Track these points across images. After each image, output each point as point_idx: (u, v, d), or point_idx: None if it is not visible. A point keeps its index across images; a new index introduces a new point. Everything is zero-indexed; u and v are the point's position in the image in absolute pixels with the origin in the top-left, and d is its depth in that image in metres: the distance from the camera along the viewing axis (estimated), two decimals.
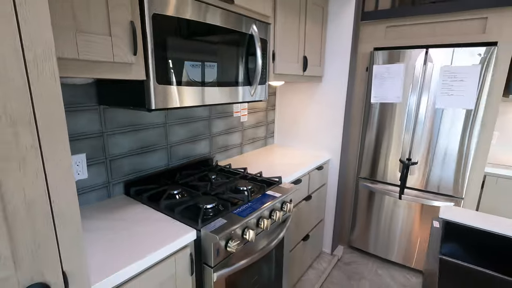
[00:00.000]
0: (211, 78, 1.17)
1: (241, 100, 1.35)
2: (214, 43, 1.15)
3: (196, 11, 1.05)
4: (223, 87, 1.24)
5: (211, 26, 1.12)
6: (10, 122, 0.52)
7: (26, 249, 0.57)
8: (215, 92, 1.20)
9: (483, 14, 1.78)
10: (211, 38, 1.14)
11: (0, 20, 0.48)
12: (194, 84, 1.10)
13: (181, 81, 1.04)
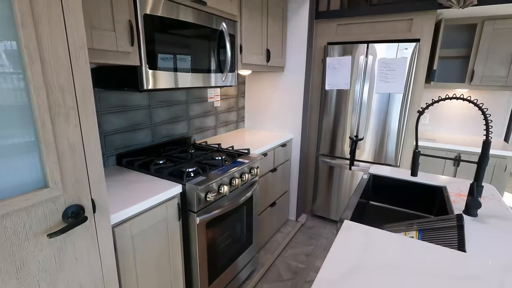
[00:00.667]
0: (190, 66, 1.45)
1: (214, 85, 1.65)
2: (192, 37, 1.43)
3: (178, 11, 1.33)
4: (201, 73, 1.53)
5: (189, 23, 1.40)
6: (60, 90, 0.78)
7: (70, 178, 0.84)
8: (194, 77, 1.49)
9: (410, 16, 2.20)
10: (190, 33, 1.42)
11: (55, 19, 0.75)
12: (177, 70, 1.38)
13: (167, 67, 1.32)
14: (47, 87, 0.75)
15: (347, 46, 2.38)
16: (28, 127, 0.74)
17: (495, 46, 2.31)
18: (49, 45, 0.74)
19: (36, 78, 0.72)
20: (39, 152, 0.77)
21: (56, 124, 0.78)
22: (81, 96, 0.83)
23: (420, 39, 2.20)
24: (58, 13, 0.75)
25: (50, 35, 0.74)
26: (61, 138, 0.80)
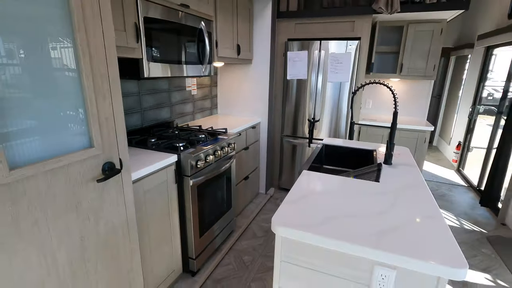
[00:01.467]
0: (178, 58, 1.77)
1: (197, 74, 1.97)
2: (179, 34, 1.74)
3: (167, 13, 1.63)
4: (186, 65, 1.84)
5: (176, 23, 1.71)
6: (100, 76, 1.08)
7: (106, 142, 1.14)
8: (181, 68, 1.80)
9: (352, 19, 2.70)
10: (177, 31, 1.72)
11: (97, 26, 1.04)
12: (168, 62, 1.68)
13: (161, 59, 1.62)
14: (92, 74, 1.05)
15: (304, 42, 2.83)
16: (81, 104, 1.04)
17: (416, 44, 2.92)
18: (94, 44, 1.04)
19: (86, 68, 1.02)
20: (87, 122, 1.07)
21: (98, 102, 1.08)
22: (112, 82, 1.13)
23: (361, 37, 2.72)
24: (98, 22, 1.04)
25: (94, 37, 1.03)
26: (101, 111, 1.10)
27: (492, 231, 2.61)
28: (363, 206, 1.12)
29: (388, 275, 0.91)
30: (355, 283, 0.97)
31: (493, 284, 1.95)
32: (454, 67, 5.10)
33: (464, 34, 4.43)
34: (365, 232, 0.95)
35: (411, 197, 1.21)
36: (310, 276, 1.04)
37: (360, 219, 1.03)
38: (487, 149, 3.35)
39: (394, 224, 1.00)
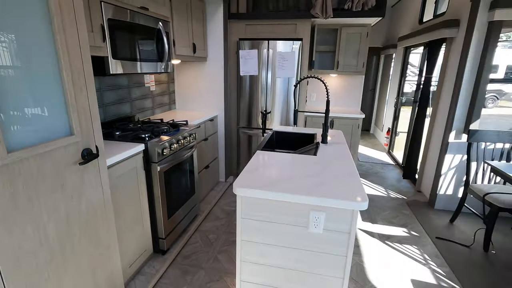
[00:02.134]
0: (140, 56, 1.93)
1: (158, 71, 2.14)
2: (140, 34, 1.91)
3: (129, 15, 1.79)
4: (147, 62, 2.01)
5: (137, 24, 1.87)
6: (77, 72, 1.23)
7: (84, 130, 1.30)
8: (143, 65, 1.97)
9: (294, 22, 3.08)
10: (138, 31, 1.88)
11: (73, 29, 1.19)
12: (131, 60, 1.84)
13: (124, 57, 1.77)
14: (71, 69, 1.20)
15: (254, 42, 3.13)
16: (61, 96, 1.19)
17: (348, 45, 3.42)
18: (71, 43, 1.19)
19: (65, 64, 1.17)
20: (67, 112, 1.22)
21: (76, 94, 1.24)
22: (87, 76, 1.29)
23: (303, 38, 3.11)
24: (74, 25, 1.20)
25: (71, 38, 1.19)
26: (79, 103, 1.26)
27: (410, 197, 3.24)
28: (302, 172, 1.46)
29: (319, 216, 1.25)
30: (297, 227, 1.30)
31: (408, 235, 2.49)
32: (383, 64, 5.89)
33: (389, 36, 5.18)
34: (303, 186, 1.28)
35: (338, 163, 1.59)
36: (264, 227, 1.34)
37: (299, 179, 1.36)
38: (408, 133, 4.05)
39: (323, 181, 1.35)
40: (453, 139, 2.74)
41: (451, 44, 2.87)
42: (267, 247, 1.37)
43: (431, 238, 2.44)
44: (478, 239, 2.40)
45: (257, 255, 1.40)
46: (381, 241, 2.39)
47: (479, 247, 2.31)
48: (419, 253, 2.24)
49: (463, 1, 2.65)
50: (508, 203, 2.11)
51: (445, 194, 2.90)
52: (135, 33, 1.86)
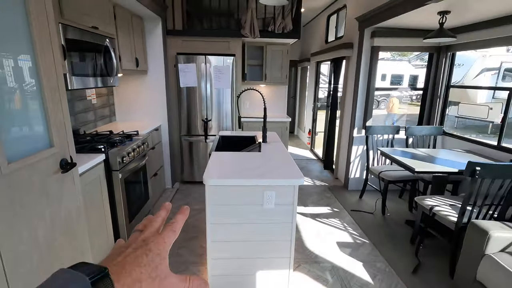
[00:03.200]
0: (93, 71, 2.04)
1: (108, 85, 2.26)
2: (92, 51, 2.03)
3: (82, 35, 1.91)
4: (100, 77, 2.13)
5: (89, 42, 1.99)
6: (54, 90, 1.37)
7: (61, 142, 1.43)
8: (96, 80, 2.08)
9: (227, 40, 3.51)
10: (90, 49, 2.00)
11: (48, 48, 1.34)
12: (86, 75, 1.95)
13: (80, 73, 1.88)
14: (50, 87, 1.34)
15: (192, 56, 3.42)
16: (42, 112, 1.31)
17: (273, 60, 4.03)
18: (48, 64, 1.33)
19: (46, 83, 1.31)
20: (47, 126, 1.34)
21: (55, 110, 1.37)
22: (61, 93, 1.43)
23: (235, 54, 3.56)
24: (50, 48, 1.35)
25: (49, 59, 1.33)
26: (56, 117, 1.39)
27: (330, 183, 3.99)
28: (253, 164, 1.86)
29: (271, 194, 1.66)
30: (255, 205, 1.68)
31: (331, 211, 3.14)
32: (301, 75, 6.83)
33: (304, 51, 6.10)
34: (256, 173, 1.68)
35: (278, 156, 2.05)
36: (229, 210, 1.69)
37: (253, 169, 1.76)
38: (324, 132, 4.90)
39: (270, 168, 1.78)
40: (356, 134, 3.56)
41: (348, 61, 3.72)
42: (232, 226, 1.72)
43: (348, 211, 3.14)
44: (378, 207, 3.21)
45: (225, 234, 1.73)
46: (312, 218, 2.97)
47: (379, 213, 3.10)
48: (340, 223, 2.89)
49: (354, 30, 3.50)
50: (394, 177, 2.94)
51: (354, 177, 3.72)
52: (88, 51, 1.98)
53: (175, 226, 0.36)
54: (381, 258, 2.33)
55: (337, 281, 2.06)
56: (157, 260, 0.31)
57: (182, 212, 0.39)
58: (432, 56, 3.38)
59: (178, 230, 0.36)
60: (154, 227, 0.35)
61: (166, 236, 0.34)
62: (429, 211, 2.24)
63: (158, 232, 0.34)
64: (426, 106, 3.53)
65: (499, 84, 8.48)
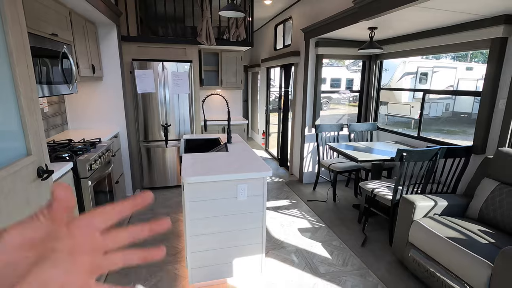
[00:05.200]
0: (54, 79, 2.01)
1: (68, 93, 2.22)
2: (52, 58, 1.99)
3: (43, 42, 1.87)
4: (60, 84, 2.09)
5: (49, 49, 1.96)
6: (30, 99, 1.38)
7: (37, 150, 1.43)
8: (57, 87, 2.04)
9: (184, 46, 3.61)
10: (50, 56, 1.97)
11: (23, 59, 1.35)
12: (47, 83, 1.92)
13: (42, 81, 1.85)
14: (26, 96, 1.35)
15: (148, 63, 3.44)
16: (19, 121, 1.32)
17: (228, 66, 4.24)
18: (23, 74, 1.35)
19: (23, 92, 1.32)
20: (24, 134, 1.35)
21: (31, 119, 1.38)
22: (35, 102, 1.44)
23: (192, 60, 3.68)
24: (24, 58, 1.36)
25: (23, 69, 1.35)
26: (32, 125, 1.40)
27: (287, 179, 4.34)
28: (224, 161, 2.05)
29: (244, 187, 1.87)
30: (230, 199, 1.87)
31: (290, 203, 3.46)
32: (252, 80, 7.16)
33: (254, 57, 6.43)
34: (229, 169, 1.88)
35: (245, 153, 2.27)
36: (205, 205, 1.84)
37: (224, 166, 1.94)
38: (278, 133, 5.26)
39: (241, 164, 1.99)
40: (307, 132, 3.97)
41: (297, 67, 4.13)
42: (208, 220, 1.88)
43: (304, 202, 3.50)
44: (329, 195, 3.64)
45: (202, 228, 1.88)
46: (274, 211, 3.25)
47: (330, 200, 3.52)
48: (299, 212, 3.22)
49: (300, 39, 3.91)
50: (341, 168, 3.38)
51: (308, 172, 4.12)
52: (49, 58, 1.95)
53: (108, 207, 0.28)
54: (336, 237, 2.70)
55: (302, 261, 2.34)
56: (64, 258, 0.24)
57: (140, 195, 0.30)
58: (365, 63, 3.96)
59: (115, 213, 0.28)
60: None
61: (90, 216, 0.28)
62: (371, 193, 2.68)
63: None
64: (362, 106, 4.11)
65: (417, 86, 9.98)
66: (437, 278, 1.85)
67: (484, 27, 2.35)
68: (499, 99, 2.36)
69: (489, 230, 1.95)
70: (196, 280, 1.96)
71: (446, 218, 2.10)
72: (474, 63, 12.85)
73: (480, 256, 1.64)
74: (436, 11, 2.21)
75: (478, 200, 2.13)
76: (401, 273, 2.18)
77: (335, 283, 2.08)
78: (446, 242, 1.83)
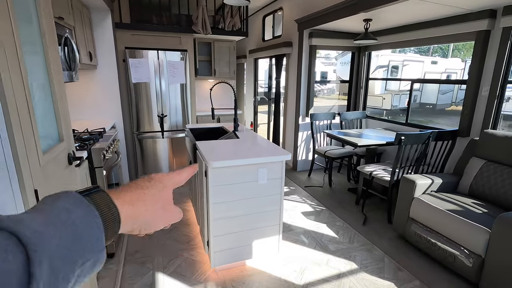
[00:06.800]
0: None
1: (73, 81, 2.13)
2: None
3: None
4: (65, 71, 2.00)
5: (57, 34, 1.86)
6: (58, 83, 1.34)
7: (67, 137, 1.39)
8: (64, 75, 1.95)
9: (179, 35, 3.55)
10: None
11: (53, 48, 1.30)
12: None
13: None
14: (57, 83, 1.31)
15: (143, 51, 3.35)
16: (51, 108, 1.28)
17: (221, 56, 4.23)
18: (53, 59, 1.30)
19: (56, 79, 1.28)
20: (57, 120, 1.31)
21: (62, 104, 1.34)
22: (63, 89, 1.39)
23: (187, 50, 3.63)
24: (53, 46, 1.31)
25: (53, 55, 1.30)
26: (62, 113, 1.36)
27: None
28: (240, 147, 2.09)
29: (264, 171, 1.94)
30: (251, 182, 1.93)
31: (289, 190, 3.59)
32: (237, 71, 7.14)
33: (241, 48, 6.42)
34: (248, 154, 1.93)
35: (257, 139, 2.33)
36: (228, 189, 1.89)
37: (243, 151, 1.99)
38: (268, 123, 5.35)
39: (258, 149, 2.05)
40: (301, 121, 4.09)
41: (289, 57, 4.22)
42: (231, 203, 1.93)
43: (302, 188, 3.64)
44: (325, 181, 3.81)
45: (224, 212, 1.92)
46: None
47: (326, 185, 3.70)
48: (299, 198, 3.35)
49: (293, 30, 4.00)
50: (336, 154, 3.55)
51: (302, 159, 4.26)
52: None
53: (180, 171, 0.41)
54: (338, 219, 2.86)
55: (312, 241, 2.47)
56: (159, 186, 0.36)
57: (191, 166, 0.43)
58: (354, 54, 4.14)
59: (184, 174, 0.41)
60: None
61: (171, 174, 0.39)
62: (369, 176, 2.87)
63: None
64: (351, 96, 4.31)
65: None
66: (438, 247, 2.06)
67: (470, 20, 2.58)
68: (482, 87, 2.62)
69: (480, 202, 2.19)
70: (217, 263, 2.01)
71: (442, 194, 2.32)
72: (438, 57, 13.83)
73: (478, 224, 1.86)
74: (431, 4, 2.39)
75: (467, 177, 2.38)
76: (403, 246, 2.38)
77: (346, 258, 2.23)
78: (446, 214, 2.04)
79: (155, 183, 0.36)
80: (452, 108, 10.72)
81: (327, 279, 2.01)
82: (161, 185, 0.36)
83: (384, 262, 2.19)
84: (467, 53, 14.32)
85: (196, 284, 1.93)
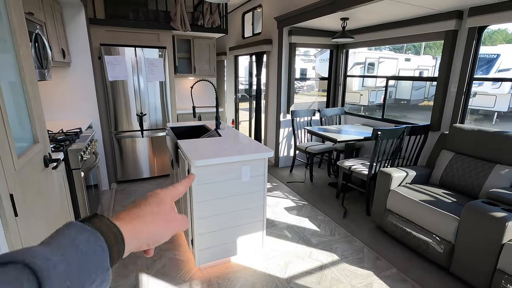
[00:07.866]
0: None
1: (46, 79, 2.04)
2: None
3: None
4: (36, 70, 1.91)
5: None
6: (32, 83, 1.28)
7: (42, 138, 1.34)
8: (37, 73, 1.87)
9: (157, 32, 3.47)
10: None
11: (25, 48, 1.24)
12: None
13: None
14: (30, 82, 1.25)
15: (119, 48, 3.25)
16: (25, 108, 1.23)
17: (201, 53, 4.18)
18: (25, 58, 1.24)
19: (28, 78, 1.23)
20: (31, 122, 1.26)
21: (35, 104, 1.29)
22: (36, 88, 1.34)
23: (166, 47, 3.56)
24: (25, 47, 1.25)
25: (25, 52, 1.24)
26: (36, 114, 1.30)
27: None
28: (223, 145, 2.10)
29: (247, 168, 1.96)
30: (234, 180, 1.95)
31: (271, 186, 3.63)
32: (217, 68, 7.08)
33: (221, 45, 6.37)
34: (231, 152, 1.94)
35: (239, 137, 2.34)
36: (211, 187, 1.90)
37: (226, 149, 2.00)
38: (249, 121, 5.37)
39: (240, 147, 2.07)
40: (282, 118, 4.14)
41: (269, 55, 4.24)
42: (214, 201, 1.94)
43: (284, 183, 3.70)
44: (307, 176, 3.90)
45: (208, 210, 1.93)
46: None
47: (308, 181, 3.78)
48: (282, 193, 3.41)
49: (273, 28, 4.02)
50: (317, 150, 3.64)
51: (283, 156, 4.32)
52: None
53: (176, 184, 0.43)
54: (320, 212, 2.94)
55: (295, 235, 2.53)
56: (156, 201, 0.38)
57: (187, 178, 0.46)
58: (332, 52, 4.24)
59: (180, 186, 0.43)
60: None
61: (166, 189, 0.41)
62: (348, 170, 2.97)
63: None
64: (331, 92, 4.41)
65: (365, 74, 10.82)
66: (413, 236, 2.18)
67: (440, 20, 2.72)
68: (451, 84, 2.78)
69: (450, 192, 2.34)
70: (202, 261, 2.01)
71: (416, 186, 2.45)
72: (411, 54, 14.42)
73: (448, 212, 1.99)
74: (403, 4, 2.49)
75: (439, 169, 2.52)
76: (381, 236, 2.50)
77: (328, 251, 2.31)
78: (419, 205, 2.16)
79: (151, 199, 0.38)
80: (425, 103, 11.22)
81: (310, 271, 2.07)
82: (158, 199, 0.38)
83: (364, 253, 2.29)
84: (438, 51, 15.03)
85: (181, 283, 1.93)
